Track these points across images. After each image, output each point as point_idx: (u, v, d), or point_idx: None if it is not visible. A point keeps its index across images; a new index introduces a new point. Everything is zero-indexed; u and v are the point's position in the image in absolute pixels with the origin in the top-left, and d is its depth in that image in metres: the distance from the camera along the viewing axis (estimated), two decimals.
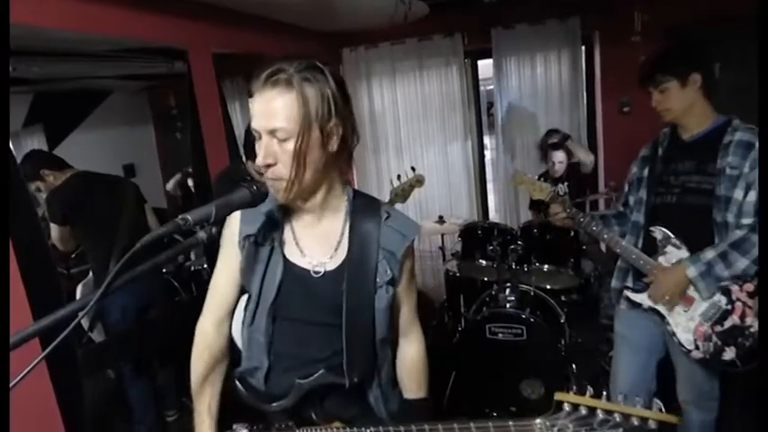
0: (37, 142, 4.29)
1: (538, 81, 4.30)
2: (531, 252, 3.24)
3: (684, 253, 1.87)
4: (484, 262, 3.32)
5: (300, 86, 1.04)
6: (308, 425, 1.18)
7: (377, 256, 1.19)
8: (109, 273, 0.82)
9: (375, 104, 4.70)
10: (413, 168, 2.69)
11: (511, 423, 1.00)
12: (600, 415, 0.97)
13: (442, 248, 4.07)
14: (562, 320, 3.01)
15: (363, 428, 1.11)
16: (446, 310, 3.82)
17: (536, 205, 3.61)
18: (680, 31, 3.64)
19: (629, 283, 2.07)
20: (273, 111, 1.05)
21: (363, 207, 1.22)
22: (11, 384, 0.76)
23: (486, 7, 3.94)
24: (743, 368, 1.76)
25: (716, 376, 2.00)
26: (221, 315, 1.29)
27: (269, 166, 1.08)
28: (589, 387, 1.00)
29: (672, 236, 1.89)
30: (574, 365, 2.98)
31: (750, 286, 1.79)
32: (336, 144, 1.11)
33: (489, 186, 5.05)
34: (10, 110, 1.46)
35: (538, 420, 0.99)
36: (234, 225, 1.22)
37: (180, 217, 0.94)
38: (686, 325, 1.87)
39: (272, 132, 1.06)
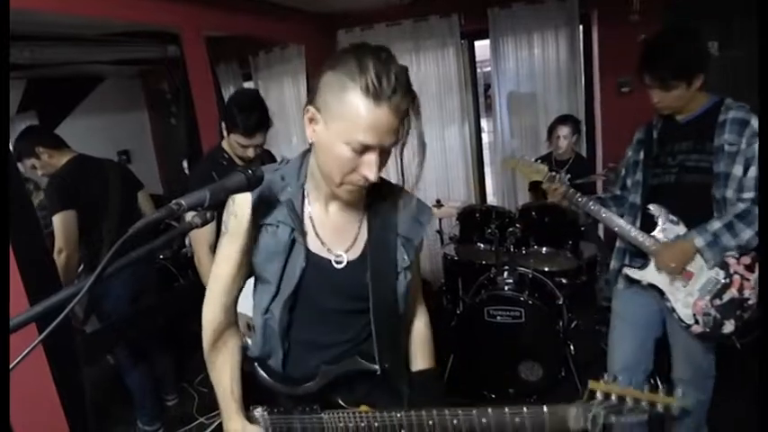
0: None
1: (535, 62, 4.26)
2: (530, 235, 3.23)
3: (682, 229, 1.90)
4: (482, 245, 3.32)
5: (405, 102, 1.02)
6: (335, 408, 1.19)
7: (395, 244, 1.21)
8: (101, 259, 0.81)
9: None
10: None
11: (545, 409, 1.03)
12: (629, 402, 1.02)
13: (439, 232, 4.06)
14: (560, 303, 3.01)
15: (393, 412, 1.13)
16: (444, 293, 3.83)
17: (535, 187, 3.58)
18: (678, 8, 3.60)
19: (627, 262, 2.09)
20: (393, 125, 1.01)
21: (380, 195, 1.21)
22: (10, 366, 0.75)
23: None
24: (741, 340, 1.79)
25: (713, 353, 2.02)
26: (228, 302, 1.26)
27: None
28: (619, 378, 1.05)
29: (668, 212, 1.92)
30: (572, 347, 3.00)
31: (747, 259, 1.84)
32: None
33: (487, 169, 5.03)
34: None
35: (573, 408, 1.03)
36: (243, 213, 1.16)
37: (174, 202, 0.92)
38: (685, 300, 1.90)
39: (382, 148, 1.03)
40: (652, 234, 1.95)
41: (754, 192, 1.78)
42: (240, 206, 1.16)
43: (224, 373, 1.26)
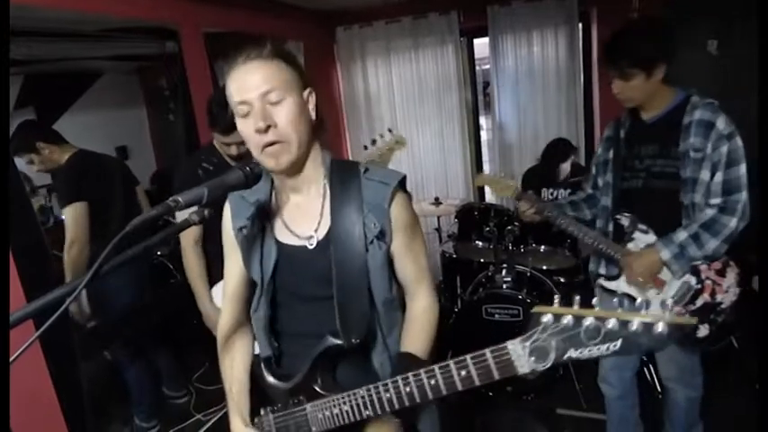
0: None
1: (534, 59, 4.26)
2: (528, 233, 3.23)
3: (651, 238, 1.88)
4: (480, 243, 3.32)
5: (279, 56, 1.12)
6: (318, 397, 1.17)
7: (362, 212, 1.16)
8: (98, 256, 0.80)
9: (370, 84, 4.65)
10: (389, 130, 2.39)
11: (487, 351, 0.91)
12: (587, 323, 0.77)
13: (438, 230, 4.06)
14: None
15: (355, 391, 1.08)
16: (442, 291, 3.83)
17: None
18: (677, 6, 3.59)
19: (603, 270, 2.08)
20: (262, 77, 1.09)
21: (341, 170, 1.22)
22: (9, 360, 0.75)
23: None
24: (716, 345, 1.77)
25: (696, 353, 2.01)
26: (237, 311, 1.35)
27: (268, 128, 1.08)
28: (577, 297, 0.81)
29: (638, 221, 1.91)
30: None
31: (718, 264, 1.83)
32: (314, 113, 1.18)
33: (485, 167, 5.02)
34: None
35: (515, 341, 0.84)
36: (227, 224, 1.27)
37: (171, 198, 0.92)
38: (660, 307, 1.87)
39: (265, 95, 1.09)
40: (623, 244, 1.94)
41: (720, 197, 1.75)
42: (225, 219, 1.28)
43: (228, 373, 1.33)
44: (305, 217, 1.21)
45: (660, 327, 0.74)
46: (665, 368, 2.06)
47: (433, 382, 0.97)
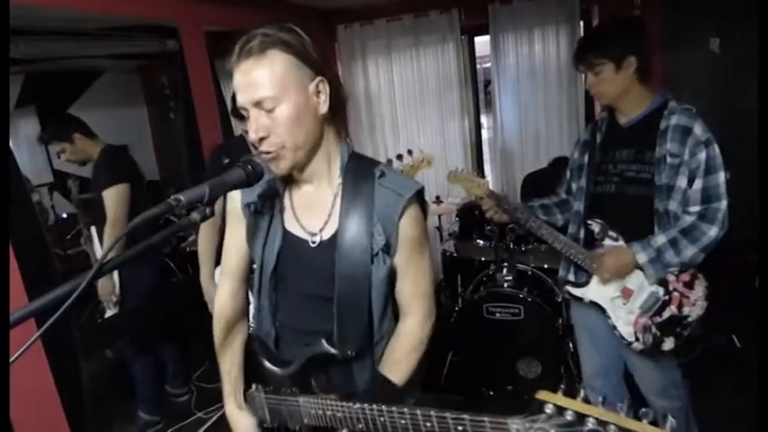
0: (30, 124, 4.25)
1: (536, 58, 4.24)
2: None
3: (621, 245, 1.86)
4: (481, 242, 3.32)
5: (274, 49, 1.03)
6: (311, 393, 1.16)
7: (371, 220, 1.11)
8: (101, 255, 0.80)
9: (371, 82, 4.65)
10: (410, 152, 2.38)
11: (486, 419, 0.89)
12: (590, 425, 0.77)
13: (438, 229, 4.06)
14: (559, 300, 3.02)
15: (351, 404, 1.07)
16: (443, 290, 3.83)
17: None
18: (678, 4, 3.59)
19: (572, 277, 2.06)
20: (253, 82, 1.03)
21: (357, 169, 1.17)
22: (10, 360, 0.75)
23: None
24: (682, 359, 1.73)
25: (672, 366, 1.97)
26: (234, 286, 1.35)
27: (262, 139, 1.06)
28: (582, 390, 0.82)
29: (608, 227, 1.88)
30: (571, 345, 3.00)
31: (686, 276, 1.80)
32: (326, 104, 1.10)
33: (486, 166, 5.02)
34: None
35: (516, 421, 0.84)
36: (236, 198, 1.24)
37: (173, 197, 0.92)
38: (626, 318, 1.86)
39: (258, 104, 1.04)
40: (593, 250, 1.92)
41: (700, 205, 1.72)
42: (233, 193, 1.21)
43: (225, 355, 1.33)
44: (314, 210, 1.18)
45: None
46: (644, 384, 2.01)
47: (428, 425, 0.96)
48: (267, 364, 1.24)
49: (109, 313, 2.79)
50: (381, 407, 1.02)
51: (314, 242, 1.17)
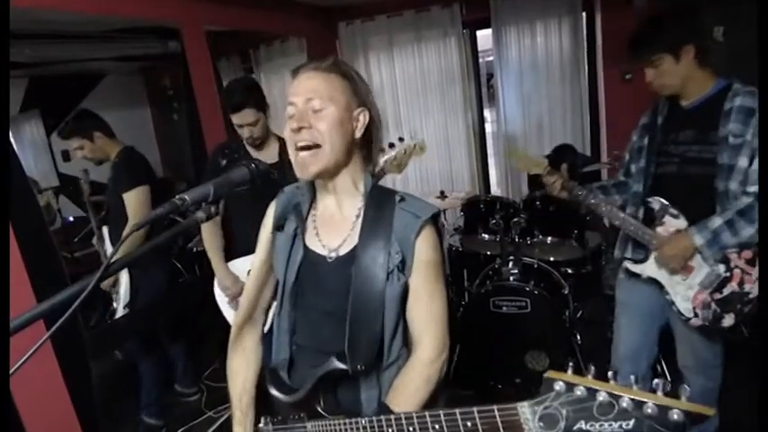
0: (34, 127, 4.28)
1: (538, 50, 4.23)
2: (534, 225, 3.22)
3: (683, 223, 1.85)
4: (487, 236, 3.31)
5: (338, 74, 1.16)
6: (319, 417, 1.17)
7: (389, 240, 1.15)
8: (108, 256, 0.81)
9: (373, 78, 4.64)
10: (401, 139, 2.35)
11: (495, 409, 0.87)
12: (601, 397, 0.74)
13: (443, 223, 4.06)
14: (566, 292, 3.00)
15: (355, 419, 1.09)
16: (449, 284, 3.83)
17: (534, 183, 3.51)
18: None
19: (629, 254, 2.07)
20: (313, 85, 1.14)
21: (380, 195, 1.22)
22: (17, 365, 0.75)
23: None
24: (747, 333, 1.73)
25: (717, 343, 1.98)
26: (253, 314, 1.37)
27: (301, 129, 1.11)
28: (591, 367, 0.78)
29: (669, 206, 1.88)
30: (578, 337, 2.99)
31: (749, 253, 1.78)
32: (360, 131, 1.19)
33: (490, 160, 5.00)
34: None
35: (525, 404, 0.81)
36: (268, 222, 1.31)
37: (177, 197, 0.92)
38: (685, 293, 1.87)
39: (309, 101, 1.13)
40: (653, 228, 1.91)
41: (758, 185, 1.71)
42: (267, 216, 1.31)
43: (236, 379, 1.34)
44: (336, 228, 1.22)
45: (676, 415, 0.70)
46: (684, 356, 2.03)
47: (437, 426, 0.96)
48: (275, 392, 1.23)
49: (119, 314, 2.81)
50: (390, 416, 1.04)
51: (331, 258, 1.20)
